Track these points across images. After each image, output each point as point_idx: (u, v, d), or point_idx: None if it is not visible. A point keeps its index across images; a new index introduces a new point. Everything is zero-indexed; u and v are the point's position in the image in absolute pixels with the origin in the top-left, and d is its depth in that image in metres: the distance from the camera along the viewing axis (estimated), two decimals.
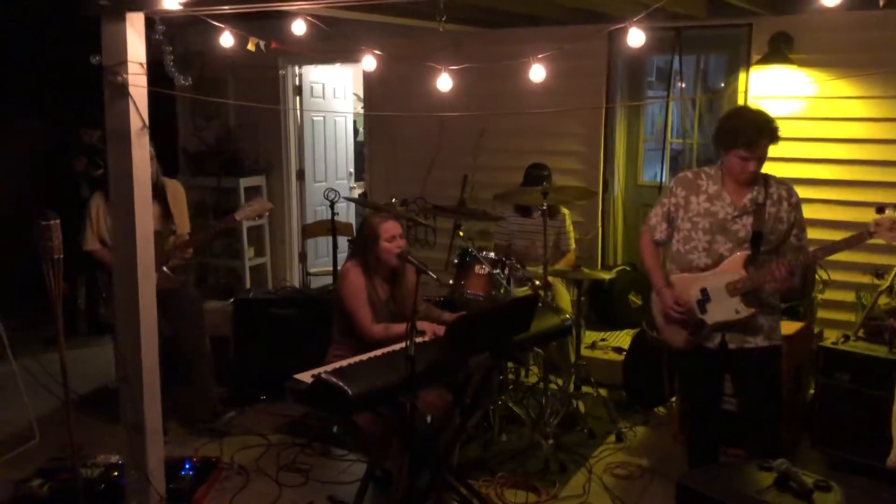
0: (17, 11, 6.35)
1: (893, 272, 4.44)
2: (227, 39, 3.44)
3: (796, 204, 3.36)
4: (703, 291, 3.35)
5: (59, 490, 3.71)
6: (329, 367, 3.10)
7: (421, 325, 3.64)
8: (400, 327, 3.58)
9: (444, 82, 3.18)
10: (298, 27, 3.27)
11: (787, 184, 3.39)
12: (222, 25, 3.39)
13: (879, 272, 4.60)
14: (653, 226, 3.54)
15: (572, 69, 5.51)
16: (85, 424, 4.53)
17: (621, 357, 5.22)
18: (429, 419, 3.67)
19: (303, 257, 7.38)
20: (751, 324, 3.32)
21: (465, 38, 6.10)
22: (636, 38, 2.61)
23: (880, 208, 3.07)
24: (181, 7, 3.08)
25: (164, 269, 4.38)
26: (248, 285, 7.26)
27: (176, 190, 4.67)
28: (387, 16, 5.34)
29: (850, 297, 5.08)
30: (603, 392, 4.95)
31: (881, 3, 2.17)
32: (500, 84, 5.70)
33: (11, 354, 4.68)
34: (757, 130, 3.17)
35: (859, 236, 3.09)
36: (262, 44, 3.59)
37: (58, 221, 3.30)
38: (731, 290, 3.28)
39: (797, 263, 3.19)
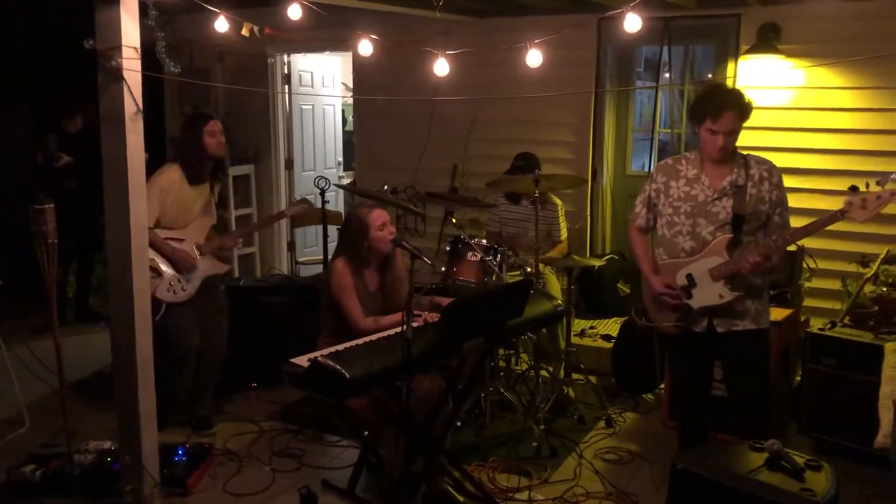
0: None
1: (878, 261, 4.50)
2: (221, 25, 3.44)
3: (778, 182, 3.37)
4: (689, 277, 3.39)
5: (52, 476, 3.71)
6: (325, 351, 3.11)
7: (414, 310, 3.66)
8: (389, 318, 3.62)
9: (441, 67, 3.19)
10: (294, 12, 3.27)
11: (767, 162, 3.40)
12: (217, 10, 3.38)
13: (865, 260, 4.66)
14: (636, 213, 3.62)
15: (562, 59, 5.49)
16: (75, 411, 4.51)
17: (610, 345, 5.27)
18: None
19: (291, 246, 7.37)
20: (738, 307, 3.36)
21: (456, 27, 6.10)
22: (633, 23, 2.63)
23: (853, 188, 3.09)
24: None
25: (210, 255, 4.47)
26: (236, 274, 7.23)
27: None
28: (380, 3, 5.34)
29: (836, 285, 5.14)
30: (593, 379, 5.00)
31: None
32: (490, 73, 5.73)
33: (2, 342, 4.66)
34: (721, 102, 3.22)
35: (832, 216, 3.11)
36: (255, 29, 3.59)
37: (52, 206, 3.30)
38: (714, 274, 3.32)
39: (775, 246, 3.20)
